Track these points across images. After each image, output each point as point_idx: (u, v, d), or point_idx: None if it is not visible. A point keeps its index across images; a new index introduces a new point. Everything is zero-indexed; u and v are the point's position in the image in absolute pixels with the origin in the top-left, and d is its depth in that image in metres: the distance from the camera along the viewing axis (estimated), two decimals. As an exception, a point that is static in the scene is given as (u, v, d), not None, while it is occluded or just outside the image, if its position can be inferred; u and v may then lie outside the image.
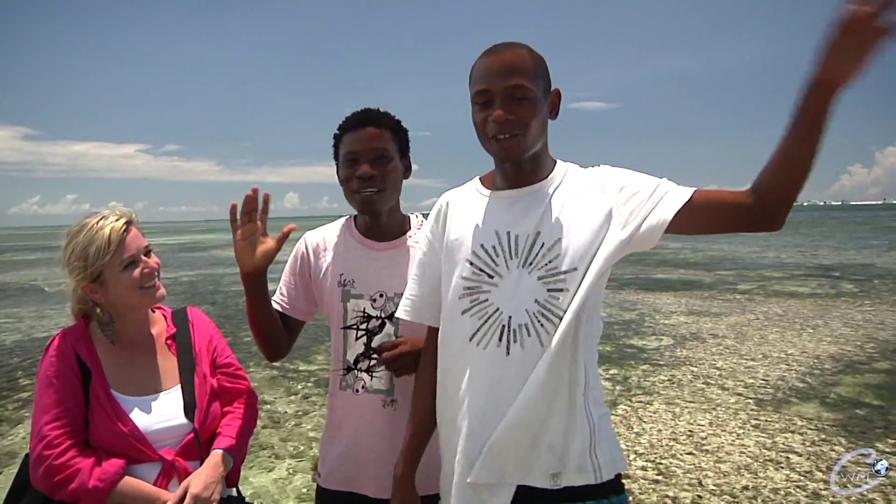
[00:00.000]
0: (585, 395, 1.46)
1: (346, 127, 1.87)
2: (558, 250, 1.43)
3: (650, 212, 1.41)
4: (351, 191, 1.84)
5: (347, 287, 1.88)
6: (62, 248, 1.69)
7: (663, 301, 11.89)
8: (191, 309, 1.95)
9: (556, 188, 1.52)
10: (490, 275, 1.49)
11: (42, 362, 1.67)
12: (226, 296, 13.91)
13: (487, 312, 1.47)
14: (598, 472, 1.45)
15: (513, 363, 1.43)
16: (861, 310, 10.47)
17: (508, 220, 1.50)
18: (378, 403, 1.86)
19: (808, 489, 3.96)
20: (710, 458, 4.46)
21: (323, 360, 7.39)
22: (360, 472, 1.86)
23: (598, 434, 1.47)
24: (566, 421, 1.44)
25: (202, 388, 1.77)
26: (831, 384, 6.22)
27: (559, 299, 1.42)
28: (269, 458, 4.71)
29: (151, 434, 1.65)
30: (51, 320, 11.12)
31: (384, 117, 1.88)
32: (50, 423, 1.58)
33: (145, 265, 1.71)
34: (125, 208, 1.74)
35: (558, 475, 1.43)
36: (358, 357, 1.87)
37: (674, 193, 1.42)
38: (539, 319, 1.43)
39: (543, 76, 1.49)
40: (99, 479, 1.54)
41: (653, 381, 6.40)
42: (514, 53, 1.46)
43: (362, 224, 1.94)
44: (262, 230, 1.75)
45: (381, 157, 1.83)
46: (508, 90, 1.43)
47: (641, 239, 1.42)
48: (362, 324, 1.87)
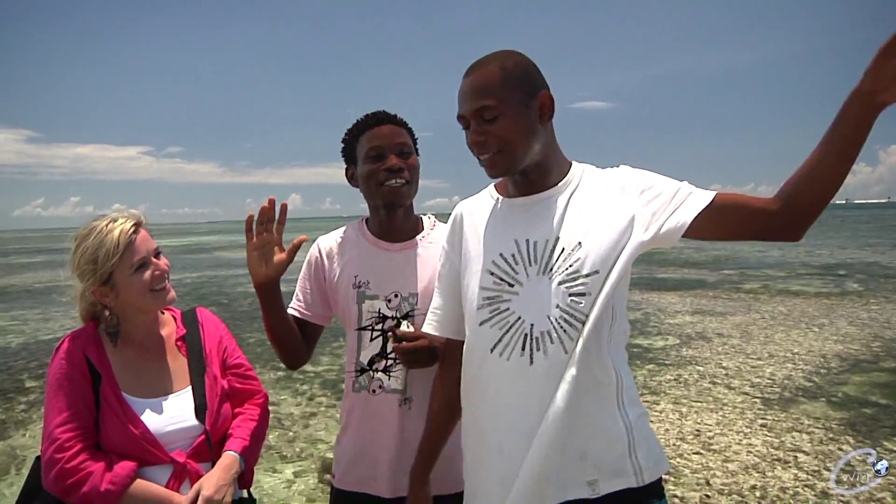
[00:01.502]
0: (619, 396, 1.43)
1: (363, 126, 1.89)
2: (579, 254, 1.41)
3: (671, 214, 1.40)
4: (377, 183, 1.84)
5: (362, 288, 1.88)
6: (70, 252, 1.68)
7: (668, 300, 11.87)
8: (200, 310, 1.94)
9: (573, 191, 1.50)
10: (510, 283, 1.47)
11: (51, 366, 1.66)
12: (230, 297, 13.91)
13: (509, 322, 1.45)
14: (639, 475, 1.41)
15: (538, 373, 1.40)
16: (867, 308, 10.44)
17: (525, 227, 1.49)
18: (394, 403, 1.86)
19: (816, 488, 3.95)
20: (717, 458, 4.45)
21: (329, 362, 7.39)
22: (375, 472, 1.86)
23: (636, 434, 1.43)
24: (599, 425, 1.41)
25: (213, 389, 1.77)
26: (838, 383, 6.21)
27: (581, 304, 1.39)
28: (276, 459, 4.71)
29: (163, 436, 1.65)
30: (56, 322, 11.14)
31: (396, 116, 1.91)
32: (61, 427, 1.57)
33: (156, 267, 1.71)
34: (133, 210, 1.74)
35: (595, 482, 1.39)
36: (373, 358, 1.87)
37: (695, 196, 1.40)
38: (562, 325, 1.40)
39: (519, 86, 1.45)
40: (111, 481, 1.54)
41: (659, 381, 6.38)
42: (480, 74, 1.46)
43: (375, 225, 1.94)
44: (276, 241, 1.76)
45: (405, 151, 1.86)
46: (477, 113, 1.45)
47: (661, 239, 1.41)
48: (377, 324, 1.87)
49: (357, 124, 1.91)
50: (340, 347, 7.75)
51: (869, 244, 25.94)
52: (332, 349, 8.00)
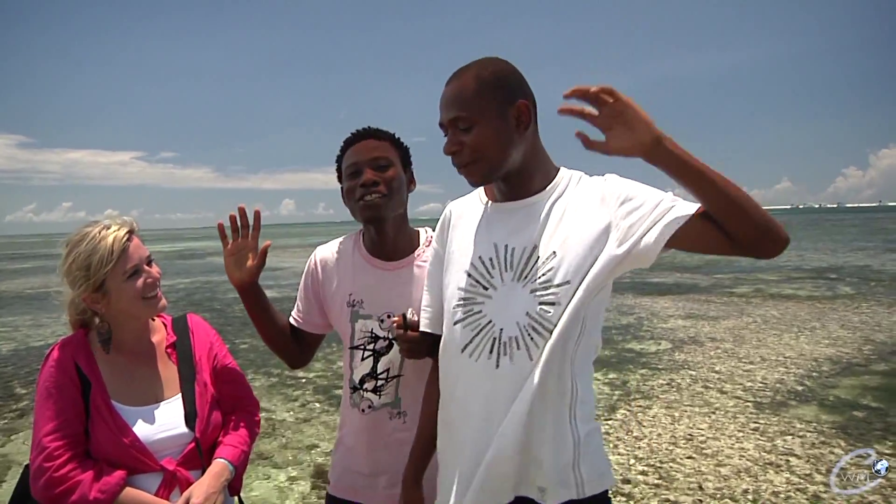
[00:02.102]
0: (572, 410, 1.44)
1: (346, 144, 1.89)
2: (552, 263, 1.41)
3: (648, 229, 1.37)
4: (355, 200, 1.83)
5: (356, 307, 1.88)
6: (62, 258, 1.67)
7: (661, 305, 11.90)
8: (191, 316, 1.93)
9: (556, 199, 1.49)
10: (485, 286, 1.49)
11: (41, 373, 1.65)
12: (223, 303, 13.87)
13: (480, 324, 1.47)
14: (580, 487, 1.43)
15: (503, 377, 1.43)
16: (858, 312, 10.48)
17: (507, 233, 1.50)
18: (385, 417, 1.86)
19: (808, 492, 3.96)
20: (710, 462, 4.46)
21: (321, 368, 7.37)
22: (369, 482, 1.87)
23: (582, 448, 1.44)
24: (551, 434, 1.42)
25: (203, 396, 1.76)
26: (830, 386, 6.23)
27: (550, 313, 1.40)
28: (269, 466, 4.69)
29: (152, 444, 1.64)
30: (47, 329, 11.08)
31: (383, 131, 1.89)
32: (49, 435, 1.57)
33: (148, 275, 1.70)
34: (126, 217, 1.73)
35: (544, 490, 1.43)
36: (364, 377, 1.87)
37: (676, 210, 1.36)
38: (529, 333, 1.41)
39: (494, 96, 1.45)
40: (100, 490, 1.53)
41: (651, 386, 6.39)
42: (456, 84, 1.47)
43: (369, 241, 1.92)
44: (251, 246, 1.84)
45: (382, 164, 1.83)
46: (452, 123, 1.47)
47: (638, 256, 1.38)
48: (369, 344, 1.86)
49: (343, 142, 1.91)
50: (333, 353, 7.76)
51: (860, 247, 26.05)
52: (325, 355, 7.98)
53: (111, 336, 1.72)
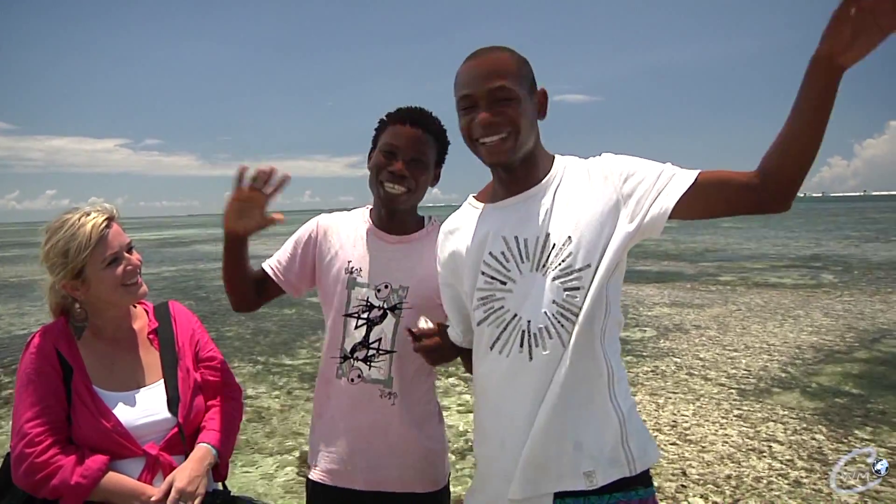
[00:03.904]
0: (611, 387, 1.44)
1: (394, 118, 1.84)
2: (570, 248, 1.41)
3: (654, 200, 1.38)
4: (379, 180, 1.82)
5: (354, 275, 1.87)
6: (41, 245, 1.66)
7: (646, 293, 11.96)
8: (172, 303, 1.92)
9: (558, 186, 1.49)
10: (502, 281, 1.48)
11: (22, 360, 1.64)
12: (209, 291, 13.81)
13: (505, 319, 1.46)
14: (632, 464, 1.42)
15: (536, 368, 1.42)
16: (841, 300, 10.60)
17: (515, 225, 1.49)
18: (374, 393, 1.84)
19: (789, 477, 4.02)
20: (693, 448, 4.50)
21: (307, 355, 7.37)
22: (352, 464, 1.85)
23: (629, 425, 1.44)
24: (592, 415, 1.41)
25: (185, 382, 1.76)
26: (812, 374, 6.30)
27: (577, 297, 1.40)
28: (255, 453, 4.69)
29: (135, 429, 1.64)
30: (31, 317, 10.99)
31: (433, 122, 1.86)
32: (31, 422, 1.56)
33: (128, 262, 1.69)
34: (106, 205, 1.71)
35: (592, 473, 1.40)
36: (356, 346, 1.86)
37: (678, 178, 1.38)
38: (559, 320, 1.41)
39: (527, 77, 1.48)
40: (81, 475, 1.53)
41: (636, 373, 6.43)
42: (496, 56, 1.46)
43: (377, 216, 1.93)
44: (262, 203, 1.73)
45: (419, 162, 1.81)
46: (492, 92, 1.43)
47: (647, 228, 1.40)
48: (364, 313, 1.85)
49: (391, 113, 1.86)
50: (318, 341, 7.73)
51: (844, 237, 26.31)
52: (311, 342, 7.97)
53: (86, 324, 1.70)
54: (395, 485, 1.84)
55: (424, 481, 1.86)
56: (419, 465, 1.86)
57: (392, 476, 1.84)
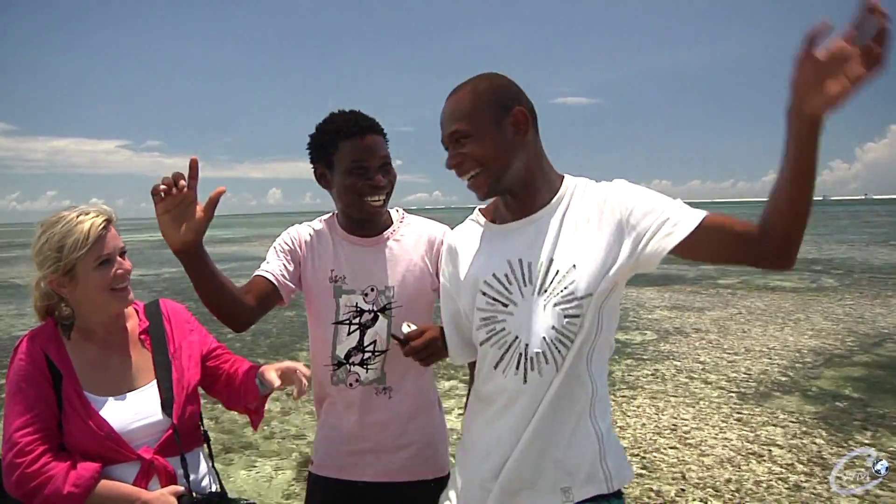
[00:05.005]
0: (592, 406, 1.46)
1: (344, 132, 1.81)
2: (574, 276, 1.41)
3: (653, 239, 1.36)
4: (359, 196, 1.81)
5: (339, 283, 1.88)
6: (35, 238, 1.63)
7: (647, 296, 11.96)
8: (163, 301, 1.89)
9: (565, 210, 1.48)
10: (504, 303, 1.48)
11: (10, 367, 1.61)
12: (209, 293, 13.77)
13: (507, 341, 1.47)
14: (609, 482, 1.44)
15: (529, 390, 1.44)
16: (842, 304, 10.58)
17: (519, 248, 1.49)
18: (371, 393, 1.89)
19: (789, 481, 4.00)
20: (693, 452, 4.49)
21: (306, 358, 7.33)
22: (356, 458, 1.90)
23: (606, 443, 1.46)
24: (572, 433, 1.44)
25: (180, 382, 1.73)
26: (812, 377, 6.29)
27: (575, 325, 1.41)
28: (254, 455, 4.68)
29: (128, 433, 1.61)
30: (31, 318, 10.85)
31: (377, 123, 1.87)
32: (21, 430, 1.53)
33: (119, 266, 1.66)
34: (106, 207, 1.69)
35: (569, 490, 1.43)
36: (350, 351, 1.88)
37: (682, 223, 1.34)
38: (556, 346, 1.42)
39: (489, 107, 1.46)
40: (73, 483, 1.50)
41: (637, 376, 6.43)
42: (454, 99, 1.50)
43: (346, 222, 1.93)
44: (192, 198, 1.51)
45: (387, 165, 1.85)
46: (450, 136, 1.49)
47: (642, 264, 1.39)
48: (355, 318, 1.87)
49: (336, 126, 1.83)
50: (319, 343, 7.65)
51: (845, 240, 26.27)
52: (311, 345, 7.94)
53: (73, 322, 1.67)
54: (405, 474, 1.89)
55: (431, 468, 1.92)
56: (425, 453, 1.92)
57: (400, 466, 1.89)
